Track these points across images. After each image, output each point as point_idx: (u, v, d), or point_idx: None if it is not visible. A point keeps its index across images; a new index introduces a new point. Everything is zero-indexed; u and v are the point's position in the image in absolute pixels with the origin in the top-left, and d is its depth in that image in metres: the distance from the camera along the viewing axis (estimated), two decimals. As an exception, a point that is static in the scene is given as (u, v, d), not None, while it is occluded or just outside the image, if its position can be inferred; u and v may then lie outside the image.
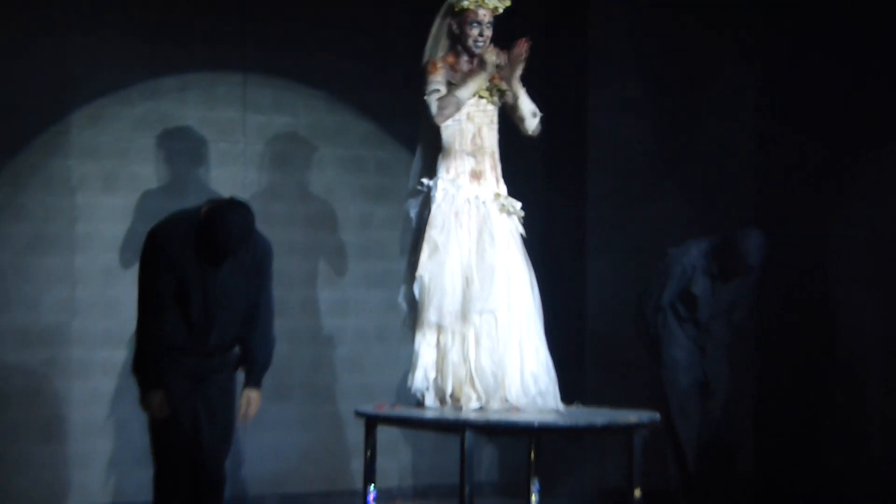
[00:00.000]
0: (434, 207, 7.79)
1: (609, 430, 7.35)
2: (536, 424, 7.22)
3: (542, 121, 8.16)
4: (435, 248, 7.74)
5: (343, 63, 11.00)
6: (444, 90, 7.80)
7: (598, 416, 7.45)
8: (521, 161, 8.38)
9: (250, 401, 7.63)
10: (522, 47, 7.80)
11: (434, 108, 7.75)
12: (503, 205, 7.85)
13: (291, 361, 10.45)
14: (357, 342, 11.02)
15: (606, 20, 11.33)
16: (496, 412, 7.43)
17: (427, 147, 8.04)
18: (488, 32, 7.88)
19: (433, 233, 7.75)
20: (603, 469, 10.79)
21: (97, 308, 9.96)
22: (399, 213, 10.45)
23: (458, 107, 7.76)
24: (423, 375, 7.68)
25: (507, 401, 7.55)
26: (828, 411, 10.80)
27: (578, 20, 11.40)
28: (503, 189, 7.94)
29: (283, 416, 10.61)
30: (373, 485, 7.48)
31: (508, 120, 8.04)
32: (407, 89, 10.52)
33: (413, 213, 7.97)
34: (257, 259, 7.65)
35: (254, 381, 7.64)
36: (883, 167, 10.46)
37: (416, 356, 7.73)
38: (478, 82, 7.79)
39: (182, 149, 10.33)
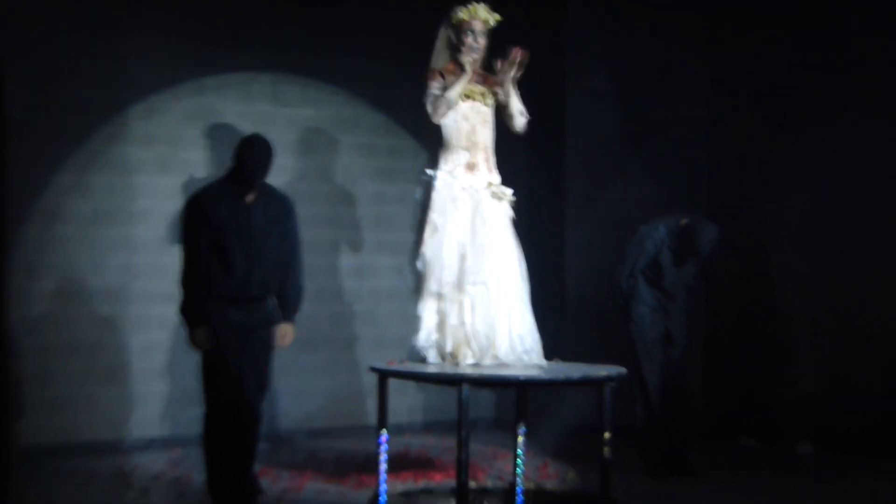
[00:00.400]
0: (434, 194, 8.02)
1: (583, 382, 7.54)
2: (521, 378, 7.48)
3: (527, 111, 8.00)
4: (435, 229, 7.97)
5: (358, 63, 11.19)
6: (439, 94, 8.01)
7: (574, 370, 7.60)
8: (508, 145, 8.37)
9: (286, 333, 7.85)
10: (518, 53, 8.01)
11: (430, 108, 8.02)
12: (494, 192, 8.07)
13: (317, 317, 10.70)
14: (371, 300, 11.27)
15: (581, 22, 11.45)
16: (488, 368, 7.61)
17: (431, 141, 8.38)
18: (482, 41, 8.11)
19: (433, 216, 7.98)
20: (579, 411, 10.36)
21: (152, 272, 10.29)
22: (407, 191, 10.66)
23: (450, 106, 7.97)
24: (426, 336, 7.88)
25: (497, 358, 7.78)
26: (766, 357, 11.12)
27: (557, 23, 11.52)
28: (496, 178, 8.13)
29: (310, 364, 10.95)
30: (384, 429, 7.52)
31: (500, 117, 8.23)
32: (413, 85, 10.68)
33: (418, 198, 8.17)
34: (285, 210, 7.85)
35: (288, 317, 7.82)
36: (815, 151, 10.70)
37: (420, 320, 7.91)
38: (462, 83, 7.98)
39: (222, 137, 10.42)
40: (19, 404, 9.83)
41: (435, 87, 8.11)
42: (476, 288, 7.91)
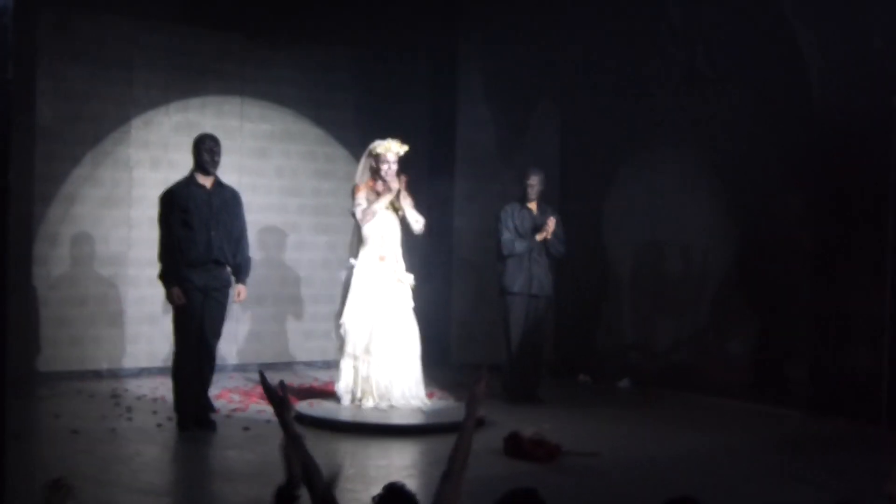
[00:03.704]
0: (354, 279, 8.19)
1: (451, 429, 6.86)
2: (392, 425, 7.68)
3: (431, 131, 8.22)
4: (352, 305, 8.13)
5: (304, 90, 10.96)
6: (364, 205, 8.12)
7: (444, 414, 7.87)
8: (416, 157, 8.55)
9: (240, 291, 7.73)
10: (403, 181, 8.18)
11: (359, 216, 8.16)
12: (399, 279, 8.25)
13: (267, 278, 10.60)
14: (309, 268, 11.02)
15: (469, 68, 11.27)
16: (380, 411, 7.91)
17: (356, 233, 8.35)
18: (394, 166, 8.20)
19: (352, 295, 8.15)
20: (465, 355, 10.98)
21: (144, 243, 9.71)
22: (338, 187, 10.83)
23: (374, 215, 8.12)
24: (344, 385, 8.14)
25: (390, 402, 8.04)
26: (599, 314, 11.02)
27: (451, 68, 11.32)
28: (401, 267, 8.27)
29: (261, 314, 10.72)
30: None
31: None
32: (345, 108, 11.08)
33: (343, 278, 8.34)
34: (235, 198, 7.70)
35: (242, 279, 7.72)
36: (632, 163, 10.61)
37: (340, 371, 8.18)
38: (387, 199, 8.14)
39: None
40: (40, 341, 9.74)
41: (360, 198, 8.17)
42: (380, 352, 8.07)
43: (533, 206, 9.21)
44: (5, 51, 4.03)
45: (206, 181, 7.59)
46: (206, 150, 7.54)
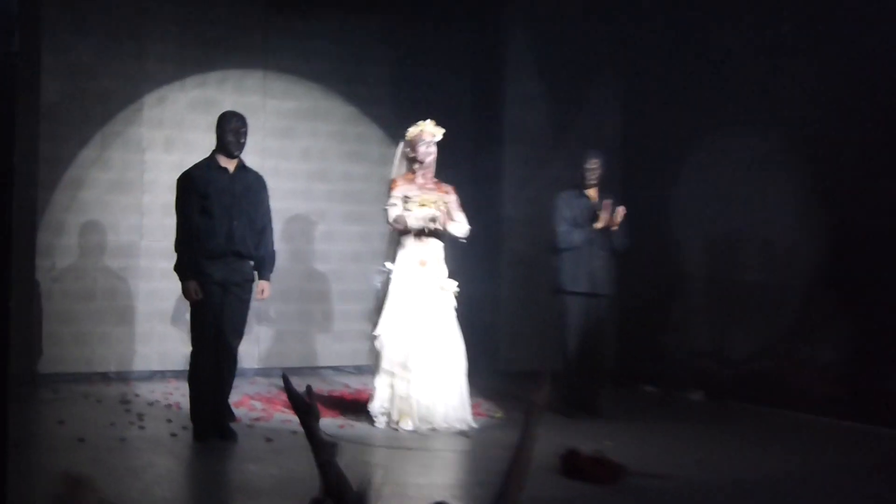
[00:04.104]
0: (391, 286, 8.13)
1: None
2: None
3: (474, 108, 8.11)
4: (389, 316, 8.09)
5: (334, 63, 11.08)
6: (399, 207, 8.11)
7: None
8: (458, 140, 8.58)
9: (264, 288, 7.72)
10: (444, 218, 8.18)
11: (389, 218, 8.16)
12: (441, 286, 8.23)
13: (293, 273, 10.71)
14: (339, 261, 11.08)
15: (515, 38, 11.30)
16: (420, 435, 7.78)
17: (393, 234, 8.34)
18: (433, 149, 8.23)
19: (388, 305, 8.11)
20: (513, 358, 11.00)
21: (158, 232, 10.10)
22: (371, 171, 10.94)
23: (406, 228, 8.11)
24: (378, 405, 8.06)
25: (432, 426, 7.97)
26: (667, 318, 10.97)
27: (496, 41, 11.39)
28: (443, 272, 8.25)
29: (285, 312, 10.82)
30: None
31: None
32: (378, 83, 11.15)
33: (378, 284, 8.29)
34: (259, 182, 7.67)
35: (265, 275, 7.69)
36: (707, 147, 10.43)
37: (375, 390, 8.11)
38: (421, 225, 8.10)
39: None
40: (42, 340, 9.87)
41: (395, 196, 8.17)
42: (421, 367, 8.03)
43: (592, 192, 9.12)
44: (9, 21, 3.89)
45: (229, 164, 7.60)
46: (230, 131, 7.52)
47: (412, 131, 8.34)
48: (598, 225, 8.84)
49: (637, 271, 10.79)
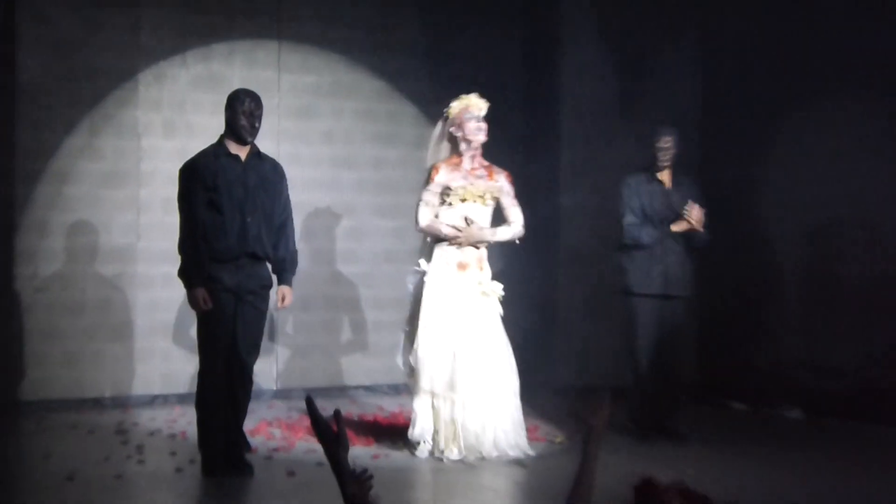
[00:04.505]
0: (426, 291, 8.16)
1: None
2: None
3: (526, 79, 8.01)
4: (426, 327, 8.11)
5: (358, 31, 11.12)
6: (434, 201, 8.17)
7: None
8: (506, 117, 8.56)
9: (285, 295, 7.73)
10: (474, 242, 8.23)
11: (419, 220, 8.22)
12: (484, 291, 8.23)
13: (315, 277, 10.75)
14: (369, 262, 11.13)
15: None
16: (468, 465, 7.76)
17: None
18: (484, 125, 8.23)
19: (425, 314, 8.14)
20: (569, 372, 11.12)
21: (157, 232, 10.13)
22: (406, 155, 11.03)
23: (436, 237, 8.19)
24: (420, 431, 8.09)
25: (481, 455, 7.99)
26: (756, 322, 10.93)
27: None
28: (486, 276, 8.27)
29: (307, 323, 10.85)
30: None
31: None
32: (411, 54, 11.23)
33: (411, 287, 8.34)
34: (277, 171, 7.71)
35: (286, 280, 7.72)
36: (802, 121, 10.47)
37: (415, 414, 8.13)
38: (453, 234, 8.13)
39: None
40: (24, 361, 9.94)
41: (431, 191, 8.22)
42: (467, 386, 8.04)
43: (665, 176, 9.13)
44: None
45: (241, 151, 7.60)
46: (244, 114, 7.52)
47: (456, 106, 8.32)
48: (677, 227, 8.91)
49: (719, 268, 10.87)
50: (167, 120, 10.45)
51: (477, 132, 8.25)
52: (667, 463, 7.77)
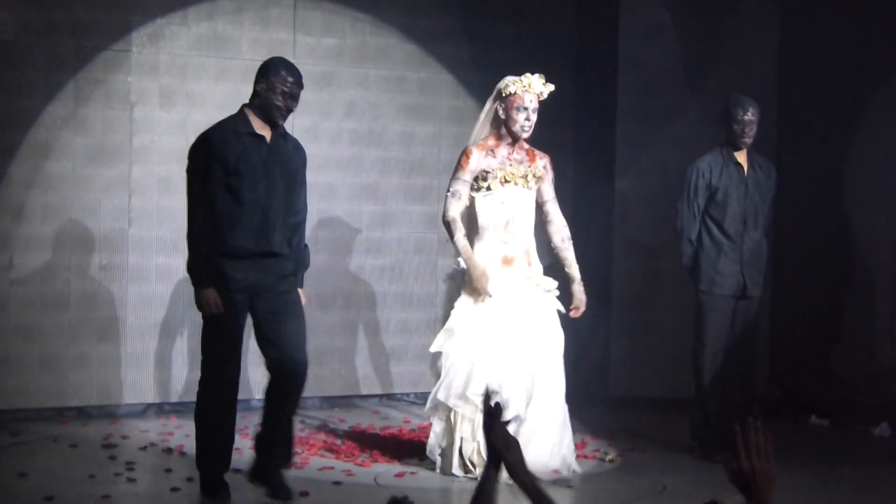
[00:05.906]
0: (465, 291, 8.12)
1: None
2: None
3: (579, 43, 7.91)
4: (451, 333, 8.09)
5: None
6: (465, 192, 8.09)
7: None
8: (555, 86, 8.24)
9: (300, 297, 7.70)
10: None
11: (447, 212, 8.14)
12: (537, 284, 8.16)
13: (333, 272, 10.74)
14: (398, 253, 11.10)
15: None
16: (509, 487, 7.67)
17: (466, 216, 8.24)
18: (533, 118, 8.09)
19: (454, 318, 8.12)
20: (621, 385, 11.13)
21: (152, 216, 10.12)
22: (440, 131, 10.94)
23: (454, 247, 8.16)
24: (429, 447, 8.17)
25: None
26: (839, 327, 10.80)
27: None
28: (537, 270, 8.19)
29: (324, 324, 10.71)
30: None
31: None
32: (448, 14, 11.14)
33: (446, 287, 8.41)
34: (301, 155, 7.68)
35: (299, 280, 7.69)
36: (892, 96, 10.41)
37: (434, 424, 8.18)
38: (472, 274, 8.01)
39: (235, 68, 10.35)
40: None
41: (461, 180, 8.15)
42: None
43: (742, 157, 9.08)
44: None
45: (266, 131, 7.47)
46: (282, 94, 7.36)
47: (511, 87, 8.15)
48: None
49: (798, 266, 10.93)
50: (164, 87, 10.35)
51: (522, 129, 8.15)
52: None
